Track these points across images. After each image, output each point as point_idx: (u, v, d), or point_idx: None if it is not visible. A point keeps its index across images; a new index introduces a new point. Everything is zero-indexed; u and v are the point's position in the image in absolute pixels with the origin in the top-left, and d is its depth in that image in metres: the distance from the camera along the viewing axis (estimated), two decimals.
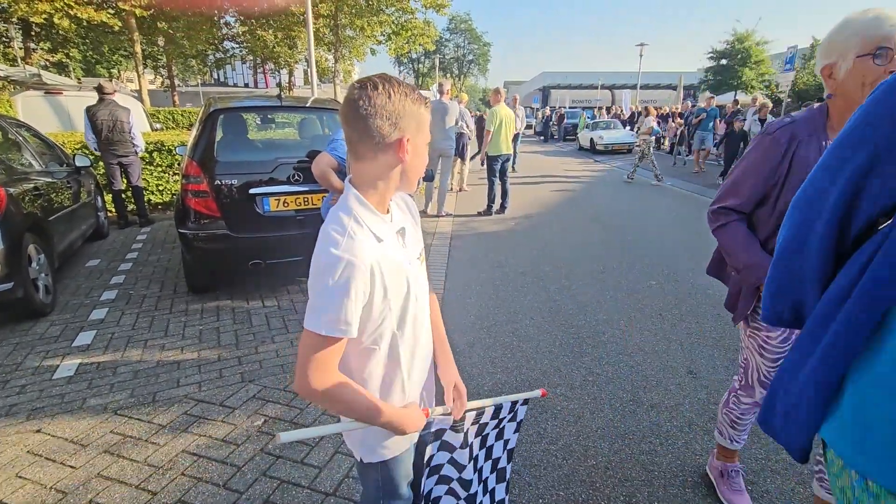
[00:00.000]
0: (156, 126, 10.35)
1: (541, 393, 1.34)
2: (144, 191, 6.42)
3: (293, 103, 4.57)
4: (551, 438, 2.30)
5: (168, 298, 3.94)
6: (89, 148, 5.93)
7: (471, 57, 62.43)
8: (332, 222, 0.96)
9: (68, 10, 12.16)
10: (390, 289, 0.99)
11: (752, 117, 10.46)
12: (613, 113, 23.56)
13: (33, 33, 15.29)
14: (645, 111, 11.61)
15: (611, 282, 4.40)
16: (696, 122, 11.95)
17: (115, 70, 29.13)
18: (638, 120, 21.44)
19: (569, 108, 31.68)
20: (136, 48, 15.65)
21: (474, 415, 1.20)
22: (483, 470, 1.31)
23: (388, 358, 1.08)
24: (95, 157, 6.01)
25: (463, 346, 3.21)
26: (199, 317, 3.60)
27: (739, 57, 25.19)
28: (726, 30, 33.70)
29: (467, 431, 1.22)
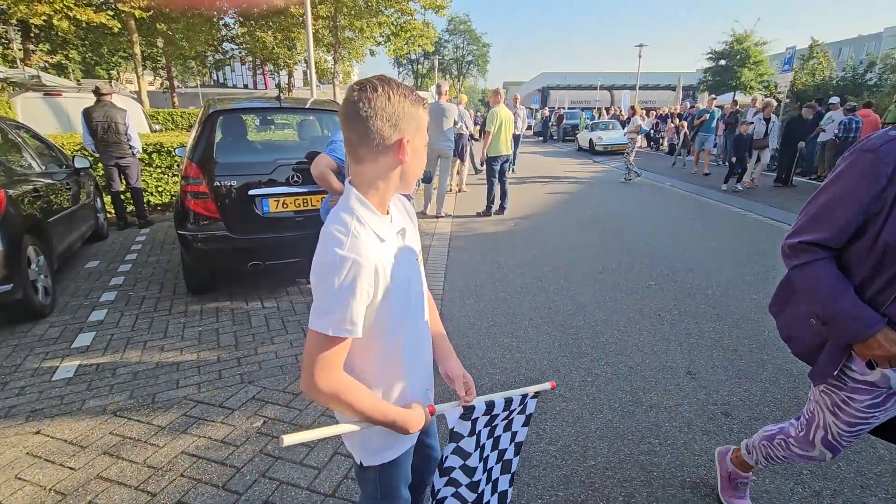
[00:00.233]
0: (155, 127, 10.35)
1: (550, 385, 1.33)
2: (144, 192, 6.43)
3: (292, 104, 4.57)
4: (550, 439, 2.30)
5: (167, 300, 3.94)
6: (88, 150, 5.94)
7: (470, 58, 62.43)
8: (334, 222, 0.96)
9: (67, 11, 12.16)
10: (393, 288, 1.00)
11: (752, 118, 10.44)
12: (613, 113, 23.60)
13: (32, 35, 15.32)
14: (631, 111, 11.95)
15: (610, 282, 4.40)
16: (698, 123, 11.76)
17: (114, 71, 29.11)
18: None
19: (568, 108, 31.74)
20: (136, 49, 15.67)
21: (484, 406, 1.20)
22: (489, 459, 1.31)
23: (390, 358, 1.08)
24: (94, 158, 6.01)
25: (462, 346, 3.21)
26: (198, 318, 3.60)
27: (738, 57, 25.18)
28: (725, 30, 33.66)
29: (479, 432, 1.22)
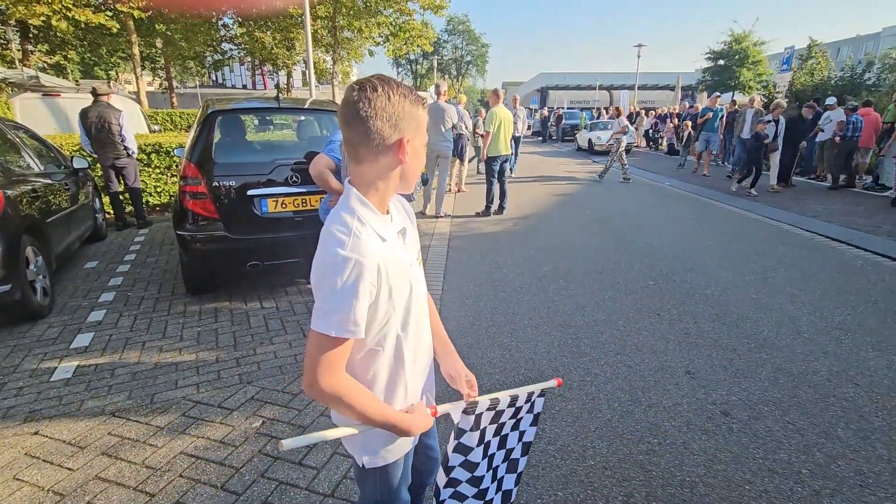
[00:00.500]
0: (154, 128, 10.35)
1: (556, 383, 1.32)
2: (142, 192, 6.42)
3: (291, 105, 4.57)
4: (549, 438, 2.30)
5: (166, 300, 3.93)
6: (86, 150, 5.93)
7: (469, 58, 62.41)
8: (334, 223, 0.95)
9: (66, 12, 12.14)
10: (395, 288, 0.99)
11: (749, 118, 10.43)
12: (612, 114, 23.61)
13: (31, 35, 15.28)
14: (616, 111, 11.98)
15: (609, 282, 4.40)
16: (701, 122, 11.62)
17: (113, 72, 29.09)
18: (636, 120, 21.55)
19: (567, 108, 31.75)
20: (134, 50, 15.66)
21: (488, 402, 1.19)
22: (494, 458, 1.30)
23: (392, 359, 1.08)
24: (93, 159, 6.00)
25: (461, 347, 3.21)
26: (197, 318, 3.59)
27: (737, 57, 25.19)
28: (724, 30, 33.69)
29: (484, 429, 1.21)
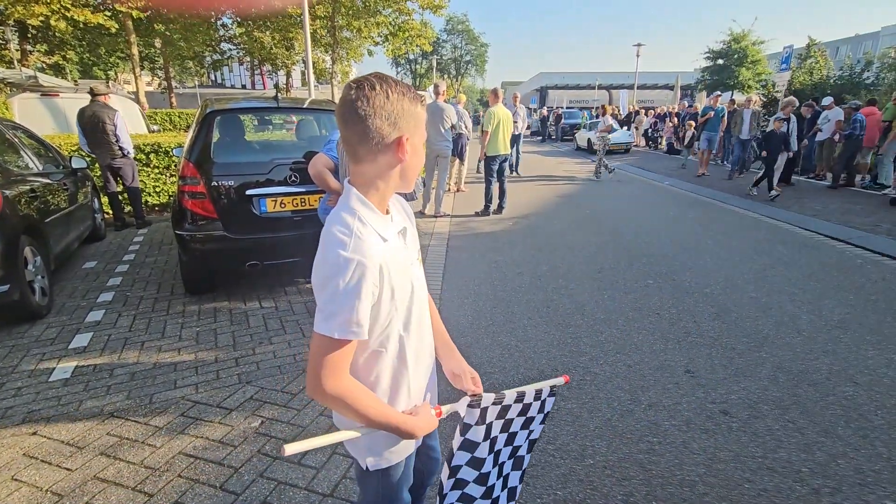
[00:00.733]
0: (153, 128, 10.34)
1: (564, 380, 1.31)
2: (141, 192, 6.41)
3: (290, 104, 4.57)
4: (549, 438, 2.30)
5: (165, 300, 3.93)
6: (84, 150, 5.93)
7: (468, 58, 62.46)
8: (335, 223, 0.94)
9: (65, 12, 12.13)
10: (397, 289, 0.98)
11: (748, 118, 10.43)
12: (612, 112, 23.65)
13: (30, 35, 15.27)
14: (601, 110, 11.99)
15: (608, 281, 4.40)
16: (702, 121, 11.53)
17: (112, 72, 29.08)
18: (635, 119, 21.58)
19: (566, 108, 31.75)
20: (133, 50, 15.67)
21: (493, 397, 1.18)
22: (501, 454, 1.29)
23: (395, 360, 1.07)
24: (91, 159, 5.99)
25: (461, 346, 3.16)
26: (196, 318, 3.59)
27: (736, 57, 25.19)
28: (723, 30, 33.72)
29: (490, 423, 1.20)
